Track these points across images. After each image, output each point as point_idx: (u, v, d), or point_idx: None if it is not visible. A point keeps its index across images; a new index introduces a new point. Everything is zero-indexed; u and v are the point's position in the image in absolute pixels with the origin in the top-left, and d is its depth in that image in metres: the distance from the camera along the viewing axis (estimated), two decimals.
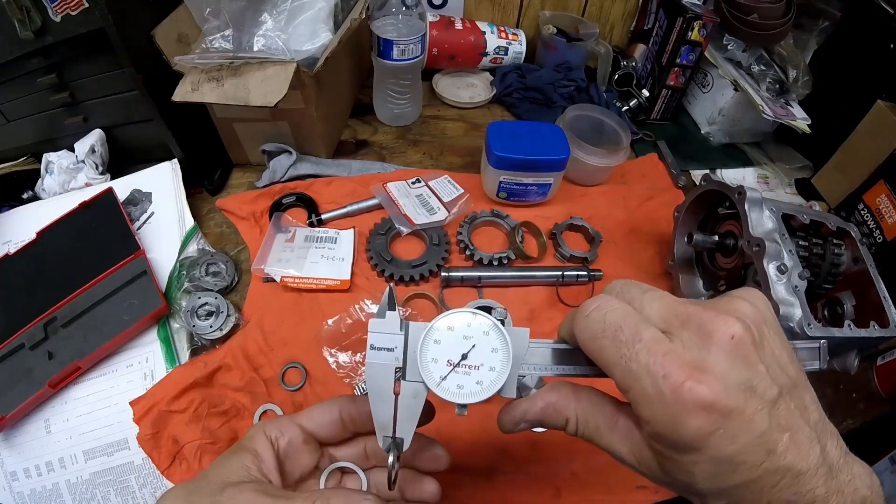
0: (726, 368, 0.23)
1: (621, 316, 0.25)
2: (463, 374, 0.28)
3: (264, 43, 0.64)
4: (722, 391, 0.23)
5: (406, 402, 0.29)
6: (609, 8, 0.96)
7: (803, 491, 0.23)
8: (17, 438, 0.50)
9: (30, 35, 0.55)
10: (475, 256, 0.63)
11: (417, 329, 0.29)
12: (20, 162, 0.71)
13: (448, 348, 0.28)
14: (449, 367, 0.28)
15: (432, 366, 0.28)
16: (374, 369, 0.29)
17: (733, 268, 0.57)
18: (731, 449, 0.23)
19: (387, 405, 0.29)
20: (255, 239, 0.64)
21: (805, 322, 0.46)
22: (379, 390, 0.29)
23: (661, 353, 0.24)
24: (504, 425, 0.31)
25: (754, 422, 0.23)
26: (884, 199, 0.66)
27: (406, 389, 0.29)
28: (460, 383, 0.28)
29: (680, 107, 0.92)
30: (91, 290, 0.55)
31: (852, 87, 0.77)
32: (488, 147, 0.66)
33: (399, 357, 0.29)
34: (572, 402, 0.29)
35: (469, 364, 0.28)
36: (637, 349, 0.24)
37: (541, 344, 0.29)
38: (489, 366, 0.28)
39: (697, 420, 0.23)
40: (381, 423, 0.29)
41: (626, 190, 0.76)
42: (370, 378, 0.29)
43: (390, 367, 0.29)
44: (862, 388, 0.60)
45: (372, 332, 0.29)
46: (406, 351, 0.29)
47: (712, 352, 0.24)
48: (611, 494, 0.49)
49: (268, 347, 0.55)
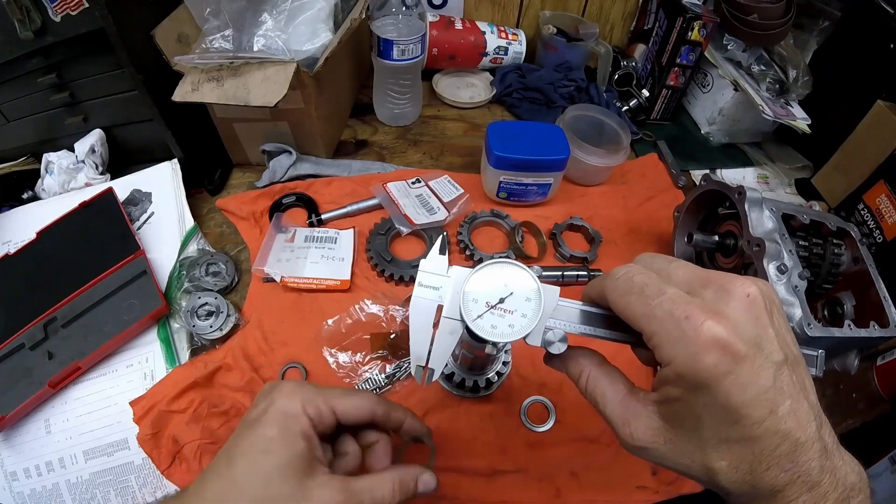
0: (741, 320, 0.25)
1: (647, 277, 0.28)
2: (498, 316, 0.30)
3: (264, 43, 0.64)
4: (736, 336, 0.24)
5: (442, 336, 0.31)
6: (609, 8, 0.96)
7: (800, 461, 0.25)
8: (17, 438, 0.50)
9: (30, 35, 0.55)
10: (475, 256, 0.63)
11: (462, 272, 0.32)
12: (20, 162, 0.71)
13: (488, 292, 0.31)
14: (486, 307, 0.31)
15: (472, 305, 0.31)
16: (419, 303, 0.32)
17: (733, 268, 0.57)
18: (739, 398, 0.24)
19: (425, 337, 0.32)
20: (255, 239, 0.64)
21: (805, 322, 0.46)
22: (420, 323, 0.32)
23: (684, 302, 0.26)
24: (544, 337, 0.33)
25: (761, 375, 0.24)
26: (884, 199, 0.66)
27: (444, 325, 0.31)
28: (494, 324, 0.30)
29: (680, 107, 0.92)
30: (91, 290, 0.55)
31: (852, 87, 0.77)
32: (488, 147, 0.66)
33: (443, 296, 0.32)
34: (594, 364, 0.32)
35: (504, 308, 0.31)
36: (661, 300, 0.27)
37: (569, 304, 0.32)
38: (522, 312, 0.31)
39: (713, 356, 0.24)
40: (416, 354, 0.32)
41: (626, 190, 0.76)
42: (414, 311, 0.32)
43: (433, 304, 0.32)
44: (862, 388, 0.60)
45: (422, 271, 0.32)
46: (450, 293, 0.32)
47: (730, 305, 0.26)
48: (611, 494, 0.49)
49: (268, 347, 0.55)
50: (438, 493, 0.47)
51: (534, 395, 0.54)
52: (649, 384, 0.31)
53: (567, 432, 0.52)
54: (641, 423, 0.28)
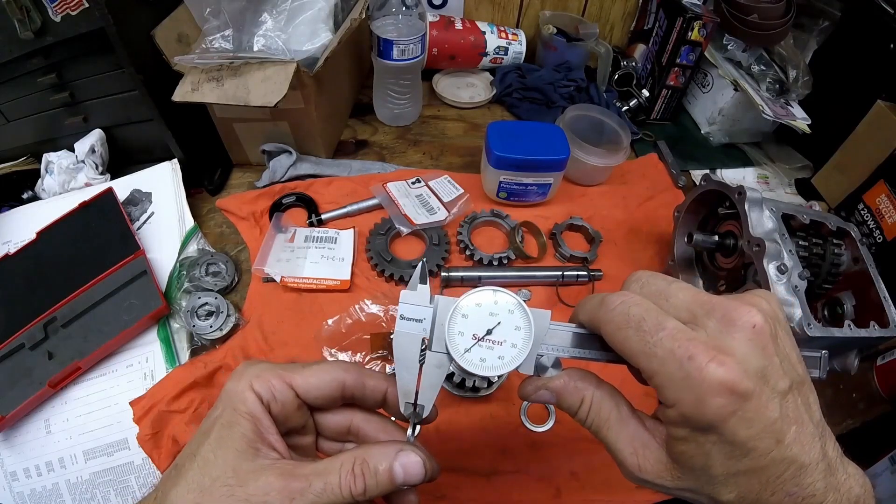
0: (747, 354, 0.24)
1: (644, 309, 0.26)
2: (486, 348, 0.29)
3: (264, 43, 0.64)
4: (742, 374, 0.24)
5: (430, 370, 0.30)
6: (609, 8, 0.96)
7: (805, 484, 0.24)
8: (17, 438, 0.50)
9: (30, 35, 0.55)
10: (475, 256, 0.63)
11: (446, 303, 0.30)
12: (20, 162, 0.71)
13: (474, 323, 0.30)
14: (474, 340, 0.29)
15: (458, 338, 0.30)
16: (403, 338, 0.31)
17: (733, 268, 0.57)
18: (746, 433, 0.24)
19: (411, 373, 0.31)
20: (255, 239, 0.64)
21: (805, 322, 0.46)
22: (405, 359, 0.30)
23: (686, 339, 0.25)
24: (525, 390, 0.31)
25: (768, 409, 0.24)
26: (884, 199, 0.66)
27: (431, 359, 0.30)
28: (483, 357, 0.29)
29: (680, 107, 0.92)
30: (91, 290, 0.55)
31: (852, 87, 0.77)
32: (488, 147, 0.66)
33: (427, 328, 0.30)
34: (592, 387, 0.30)
35: (493, 339, 0.29)
36: (661, 336, 0.25)
37: (561, 327, 0.31)
38: (511, 342, 0.29)
39: (720, 399, 0.24)
40: (404, 390, 0.31)
41: (626, 190, 0.76)
42: (398, 346, 0.31)
43: (418, 337, 0.30)
44: (862, 388, 0.60)
45: (403, 304, 0.31)
46: (434, 323, 0.30)
47: (735, 338, 0.25)
48: (611, 494, 0.49)
49: (268, 347, 0.55)
50: (438, 493, 0.48)
51: None
52: (642, 393, 0.31)
53: (567, 432, 0.52)
54: (651, 456, 0.27)
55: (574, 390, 0.30)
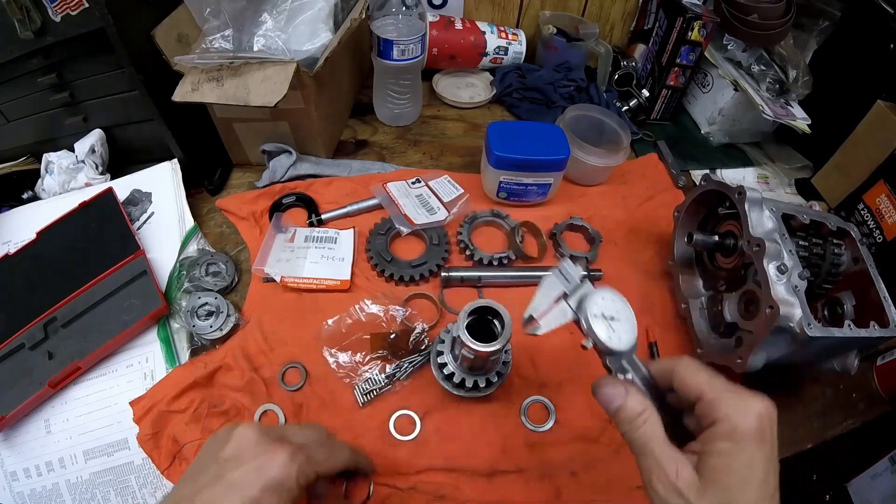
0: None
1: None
2: (606, 326, 0.37)
3: (264, 43, 0.64)
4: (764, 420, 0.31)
5: (556, 312, 0.38)
6: (609, 8, 0.96)
7: None
8: (17, 438, 0.50)
9: (30, 35, 0.55)
10: (475, 256, 0.63)
11: (590, 287, 0.39)
12: (20, 162, 0.71)
13: (605, 307, 0.38)
14: (603, 317, 0.38)
15: (594, 307, 0.38)
16: (553, 280, 0.39)
17: (733, 268, 0.57)
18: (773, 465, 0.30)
19: (547, 301, 0.38)
20: (255, 239, 0.64)
21: (805, 322, 0.46)
22: (548, 289, 0.39)
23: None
24: (605, 387, 0.36)
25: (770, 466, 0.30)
26: (884, 199, 0.66)
27: (563, 305, 0.39)
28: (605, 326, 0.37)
29: (680, 107, 0.92)
30: (91, 290, 0.55)
31: (852, 87, 0.77)
32: (488, 147, 0.66)
33: (570, 288, 0.39)
34: (653, 410, 0.34)
35: (612, 323, 0.37)
36: (722, 378, 0.33)
37: (639, 361, 0.38)
38: (619, 335, 0.37)
39: (761, 421, 0.30)
40: (535, 307, 0.39)
41: (626, 190, 0.76)
42: (549, 283, 0.39)
43: (561, 288, 0.39)
44: (862, 388, 0.60)
45: (564, 266, 0.39)
46: (576, 290, 0.39)
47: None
48: (611, 494, 0.49)
49: (268, 347, 0.55)
50: (438, 493, 0.48)
51: (534, 395, 0.54)
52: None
53: (567, 432, 0.52)
54: (686, 470, 0.30)
55: (637, 398, 0.34)
